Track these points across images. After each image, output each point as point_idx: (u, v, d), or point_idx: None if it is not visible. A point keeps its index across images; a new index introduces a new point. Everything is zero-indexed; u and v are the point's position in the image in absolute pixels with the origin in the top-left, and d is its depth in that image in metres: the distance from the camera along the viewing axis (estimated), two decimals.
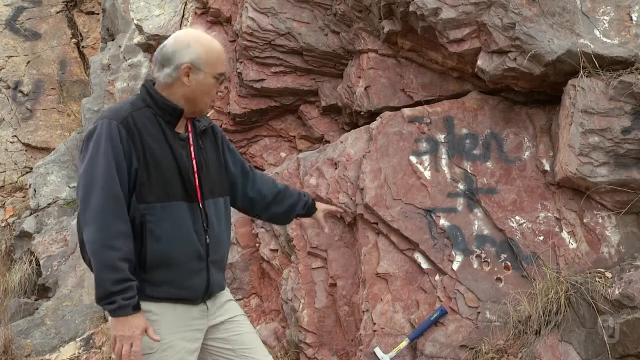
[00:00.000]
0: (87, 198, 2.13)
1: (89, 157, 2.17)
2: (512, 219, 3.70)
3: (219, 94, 2.42)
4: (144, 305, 2.19)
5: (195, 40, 2.29)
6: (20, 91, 8.28)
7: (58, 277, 5.79)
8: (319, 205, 2.82)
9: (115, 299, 2.07)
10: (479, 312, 3.58)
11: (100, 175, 2.13)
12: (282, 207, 2.68)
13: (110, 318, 2.19)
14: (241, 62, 4.77)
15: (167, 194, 2.22)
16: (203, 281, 2.30)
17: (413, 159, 3.88)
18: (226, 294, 2.49)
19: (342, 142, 4.16)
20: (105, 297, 2.08)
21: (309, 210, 2.76)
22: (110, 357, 4.53)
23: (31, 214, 6.65)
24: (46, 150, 7.82)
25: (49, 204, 6.57)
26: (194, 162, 2.31)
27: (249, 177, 2.61)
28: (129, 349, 2.09)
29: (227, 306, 2.44)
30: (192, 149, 2.33)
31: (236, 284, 4.48)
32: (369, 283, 3.74)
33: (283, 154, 4.96)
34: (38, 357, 5.05)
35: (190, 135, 2.35)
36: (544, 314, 3.30)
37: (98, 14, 8.58)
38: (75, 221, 6.13)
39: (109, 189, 2.12)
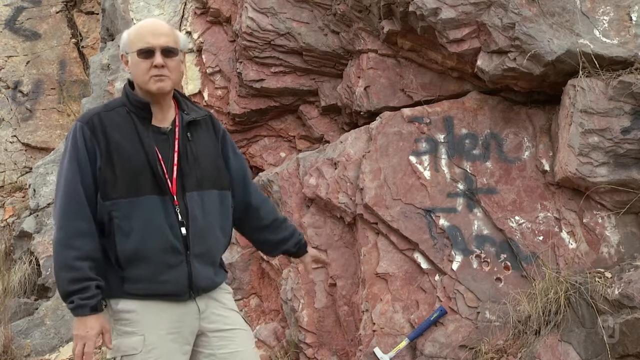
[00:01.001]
0: (55, 202, 2.20)
1: (60, 162, 2.26)
2: (512, 219, 3.70)
3: (164, 69, 2.29)
4: (126, 304, 2.19)
5: (127, 30, 2.35)
6: (20, 91, 8.27)
7: None
8: (310, 250, 2.71)
9: (73, 298, 2.09)
10: (478, 312, 3.58)
11: (63, 179, 2.19)
12: (275, 236, 2.59)
13: (110, 314, 2.20)
14: (241, 62, 4.77)
15: (135, 189, 2.20)
16: (183, 275, 2.23)
17: (413, 159, 3.88)
18: (227, 299, 2.40)
19: (341, 142, 4.16)
20: (65, 296, 2.12)
21: (300, 251, 2.66)
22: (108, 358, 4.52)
23: (31, 214, 6.65)
24: (46, 150, 7.81)
25: (49, 204, 6.56)
26: (175, 154, 2.28)
27: (249, 187, 2.54)
28: (82, 350, 2.09)
29: (227, 315, 2.36)
30: (176, 142, 2.29)
31: (236, 284, 4.47)
32: (368, 283, 3.74)
33: (283, 154, 4.96)
34: (38, 357, 5.05)
35: (177, 129, 2.32)
36: (543, 314, 3.30)
37: (98, 14, 8.57)
38: None
39: (69, 191, 2.16)
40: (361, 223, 3.88)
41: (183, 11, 5.48)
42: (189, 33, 5.23)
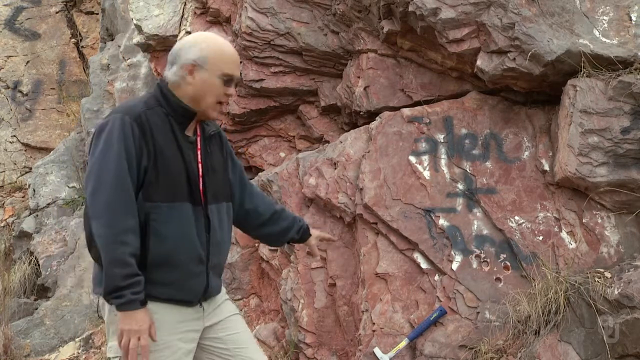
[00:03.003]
0: (97, 192, 2.12)
1: (100, 151, 2.16)
2: (512, 219, 3.70)
3: (230, 98, 2.38)
4: None
5: (203, 40, 2.30)
6: (20, 91, 8.28)
7: (57, 277, 5.78)
8: (313, 232, 2.78)
9: (124, 293, 2.08)
10: (478, 312, 3.58)
11: (112, 170, 2.12)
12: (277, 227, 2.64)
13: (114, 313, 2.18)
14: (240, 62, 4.77)
15: (173, 195, 2.21)
16: (202, 285, 2.30)
17: (412, 159, 3.88)
18: (222, 294, 2.49)
19: (341, 142, 4.16)
20: (113, 291, 2.09)
21: (304, 235, 2.73)
22: (109, 358, 4.52)
23: (30, 214, 6.65)
24: (45, 150, 7.82)
25: (49, 204, 6.57)
26: (199, 165, 2.31)
27: (246, 190, 2.58)
28: (137, 343, 2.10)
29: (222, 306, 2.44)
30: (199, 152, 2.33)
31: (235, 284, 4.47)
32: (368, 283, 3.74)
33: (282, 154, 4.96)
34: (37, 357, 5.05)
35: (199, 139, 2.35)
36: (543, 313, 3.31)
37: (97, 14, 8.57)
38: (73, 221, 6.13)
39: (119, 184, 2.12)
40: (361, 223, 3.88)
41: (183, 11, 5.48)
42: (188, 33, 5.23)
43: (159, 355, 2.19)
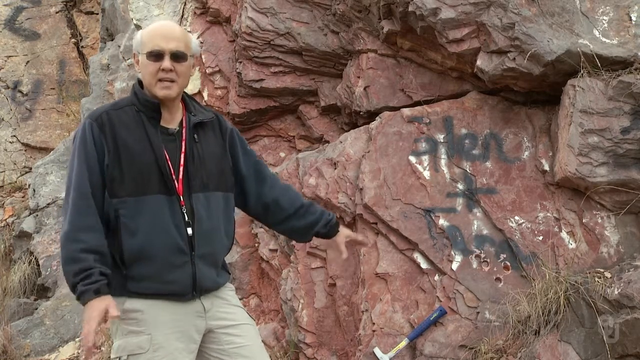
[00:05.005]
0: (66, 198, 2.23)
1: (70, 158, 2.27)
2: (512, 219, 3.70)
3: (171, 73, 2.31)
4: (132, 303, 2.20)
5: (142, 30, 2.38)
6: (20, 91, 8.27)
7: (57, 277, 5.78)
8: (343, 230, 2.63)
9: (77, 287, 2.11)
10: (478, 312, 3.58)
11: (74, 176, 2.21)
12: (302, 222, 2.54)
13: None
14: (240, 62, 4.77)
15: (142, 188, 2.22)
16: (187, 275, 2.25)
17: (412, 159, 3.88)
18: (230, 296, 2.43)
19: (341, 142, 4.16)
20: (71, 288, 2.15)
21: (331, 230, 2.57)
22: (109, 357, 4.52)
23: (30, 214, 6.65)
24: (45, 150, 7.81)
25: (49, 204, 6.57)
26: (182, 155, 2.30)
27: (265, 183, 2.52)
28: (92, 329, 2.09)
29: (232, 311, 2.39)
30: (183, 143, 2.32)
31: (235, 284, 4.47)
32: (368, 283, 3.74)
33: (282, 154, 4.96)
34: (37, 357, 5.05)
35: (184, 130, 2.34)
36: (543, 313, 3.31)
37: (97, 14, 8.57)
38: None
39: (78, 188, 2.19)
40: (361, 223, 3.88)
41: (183, 11, 5.48)
42: (188, 33, 5.23)
43: (152, 355, 2.17)
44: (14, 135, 8.04)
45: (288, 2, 4.63)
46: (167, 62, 2.25)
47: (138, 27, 5.54)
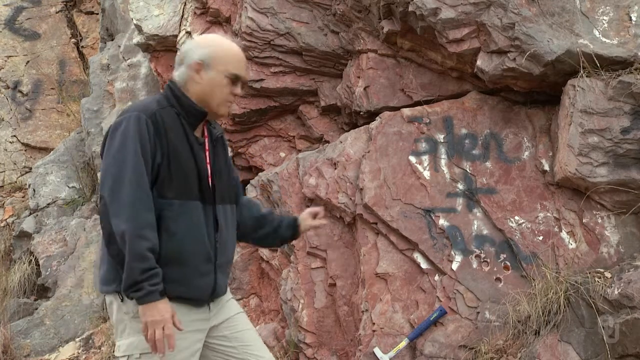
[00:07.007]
0: (117, 189, 2.15)
1: (116, 148, 2.19)
2: (512, 219, 3.70)
3: (237, 98, 2.42)
4: None
5: (210, 40, 2.37)
6: (20, 91, 8.27)
7: (57, 277, 5.79)
8: (301, 215, 2.72)
9: (142, 285, 2.10)
10: (478, 312, 3.58)
11: (130, 168, 2.15)
12: (266, 229, 2.65)
13: (124, 310, 2.22)
14: None
15: (185, 192, 2.25)
16: (210, 283, 2.32)
17: (412, 159, 3.88)
18: (227, 293, 2.51)
19: (341, 142, 4.16)
20: (132, 285, 2.11)
21: (295, 228, 2.67)
22: (109, 357, 4.52)
23: (30, 214, 6.65)
24: (45, 150, 7.81)
25: (49, 204, 6.57)
26: (208, 166, 2.35)
27: (240, 196, 2.63)
28: (162, 333, 2.12)
29: (227, 305, 2.47)
30: (207, 153, 2.37)
31: (235, 283, 4.48)
32: (368, 283, 3.74)
33: (282, 154, 4.96)
34: (37, 357, 5.05)
35: (206, 140, 2.39)
36: (543, 314, 3.31)
37: (97, 14, 8.57)
38: (73, 221, 6.13)
39: (138, 181, 2.15)
40: (361, 223, 3.88)
41: (183, 11, 5.48)
42: (188, 33, 5.23)
43: (164, 355, 2.19)
44: (14, 135, 8.03)
45: (288, 2, 4.63)
46: (239, 89, 2.35)
47: (138, 27, 5.54)
